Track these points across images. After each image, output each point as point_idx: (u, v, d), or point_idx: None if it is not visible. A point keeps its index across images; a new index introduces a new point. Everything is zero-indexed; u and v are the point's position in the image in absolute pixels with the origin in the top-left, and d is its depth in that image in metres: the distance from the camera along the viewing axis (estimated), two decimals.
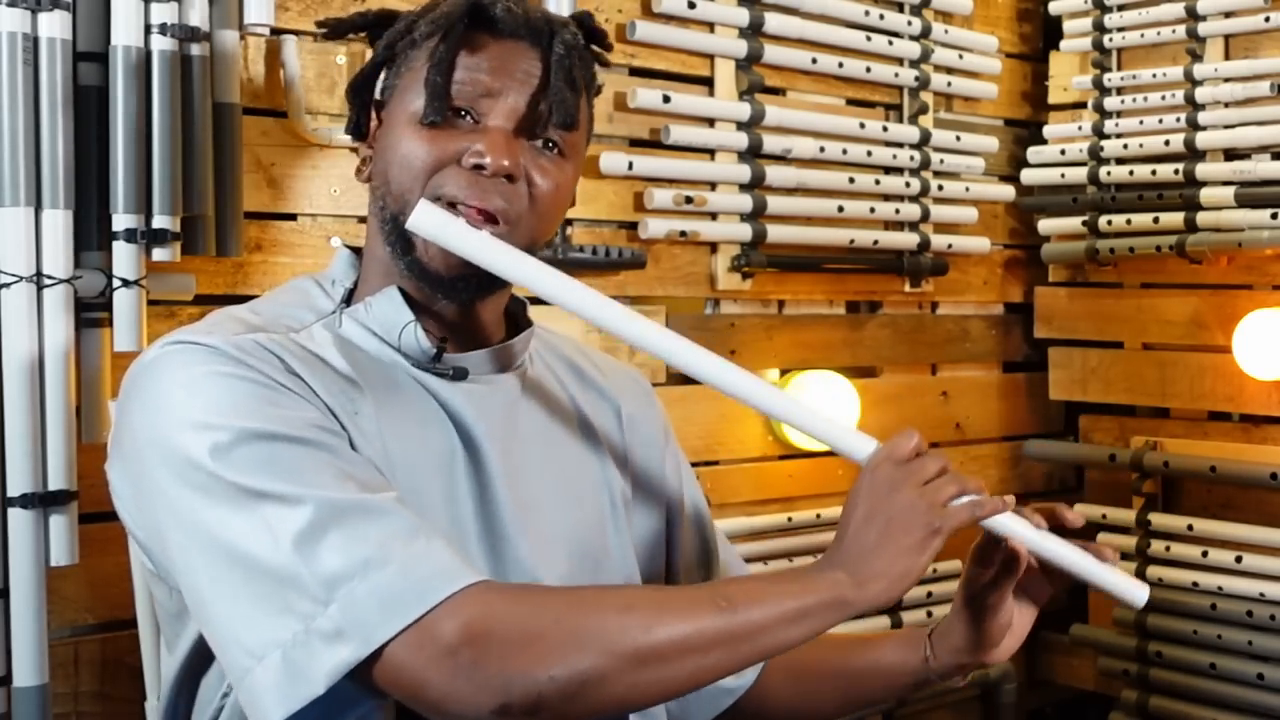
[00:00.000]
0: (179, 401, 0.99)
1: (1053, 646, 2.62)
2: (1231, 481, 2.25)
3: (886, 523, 1.03)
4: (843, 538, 1.05)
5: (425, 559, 0.94)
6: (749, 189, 2.15)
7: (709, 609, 0.98)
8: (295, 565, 0.93)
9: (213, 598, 0.96)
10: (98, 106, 1.48)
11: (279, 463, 0.96)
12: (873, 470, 1.06)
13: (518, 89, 1.10)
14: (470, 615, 0.92)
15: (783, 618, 0.99)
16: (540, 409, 1.20)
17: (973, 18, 2.52)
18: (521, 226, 1.10)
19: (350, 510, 0.95)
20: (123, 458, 1.05)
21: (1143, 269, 2.43)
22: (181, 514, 0.97)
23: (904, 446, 1.06)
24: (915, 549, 1.02)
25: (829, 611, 1.01)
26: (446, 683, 0.91)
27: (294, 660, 0.92)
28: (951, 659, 1.22)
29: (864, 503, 1.05)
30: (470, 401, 1.12)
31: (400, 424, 1.08)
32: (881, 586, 1.01)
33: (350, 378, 1.07)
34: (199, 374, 1.00)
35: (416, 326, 1.10)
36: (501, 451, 1.12)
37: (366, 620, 0.91)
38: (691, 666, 0.97)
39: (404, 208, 1.08)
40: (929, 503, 1.03)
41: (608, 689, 0.94)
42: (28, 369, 1.42)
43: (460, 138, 1.09)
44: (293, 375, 1.03)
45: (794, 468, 2.25)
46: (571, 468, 1.20)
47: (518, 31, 1.11)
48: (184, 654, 1.09)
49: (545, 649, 0.92)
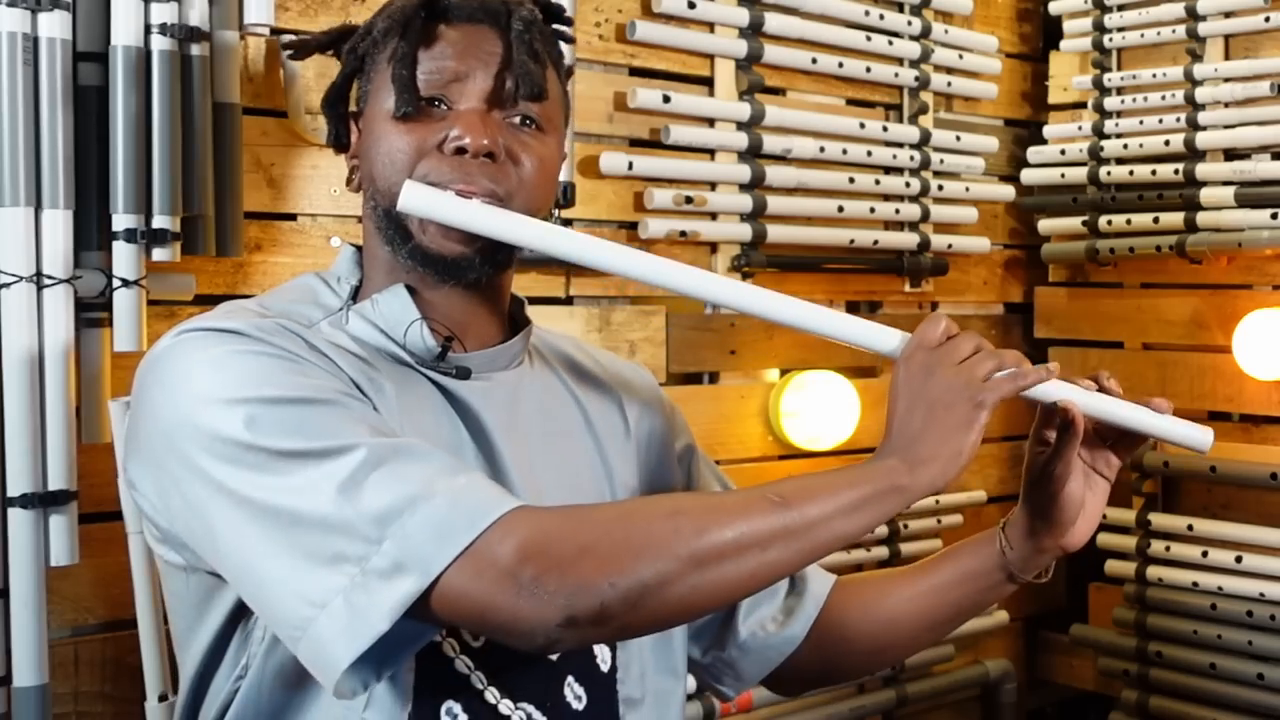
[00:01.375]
0: (205, 380, 0.99)
1: (1053, 646, 2.62)
2: (1231, 481, 2.25)
3: (929, 406, 1.03)
4: (890, 429, 1.05)
5: (469, 489, 0.95)
6: (749, 189, 2.15)
7: (763, 505, 0.97)
8: (343, 511, 0.93)
9: (263, 561, 0.96)
10: (98, 106, 1.48)
11: (311, 424, 0.97)
12: (907, 359, 1.07)
13: (483, 69, 1.11)
14: (523, 534, 0.93)
15: (840, 508, 0.99)
16: (541, 403, 1.20)
17: (973, 18, 2.52)
18: (514, 204, 1.11)
19: (389, 453, 0.96)
20: (143, 447, 1.04)
21: (1143, 269, 2.43)
22: (220, 488, 0.97)
23: (933, 331, 1.07)
24: (962, 426, 1.02)
25: (885, 499, 1.01)
26: (511, 603, 0.92)
27: (355, 603, 0.92)
28: (1029, 545, 1.20)
29: (904, 392, 1.05)
30: (476, 396, 1.13)
31: (414, 413, 1.09)
32: (935, 469, 1.01)
33: (368, 362, 1.09)
34: (221, 353, 1.00)
35: (423, 325, 1.11)
36: (508, 444, 1.13)
37: (422, 551, 0.92)
38: (752, 564, 0.96)
39: (393, 200, 1.08)
40: (967, 379, 1.03)
41: (670, 591, 0.94)
42: (28, 369, 1.42)
43: (436, 125, 1.10)
44: (315, 351, 1.04)
45: (794, 468, 2.25)
46: (573, 461, 1.20)
47: (474, 15, 1.12)
48: (203, 647, 1.09)
49: (602, 559, 0.93)
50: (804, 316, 1.14)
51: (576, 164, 1.98)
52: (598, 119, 2.01)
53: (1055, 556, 1.22)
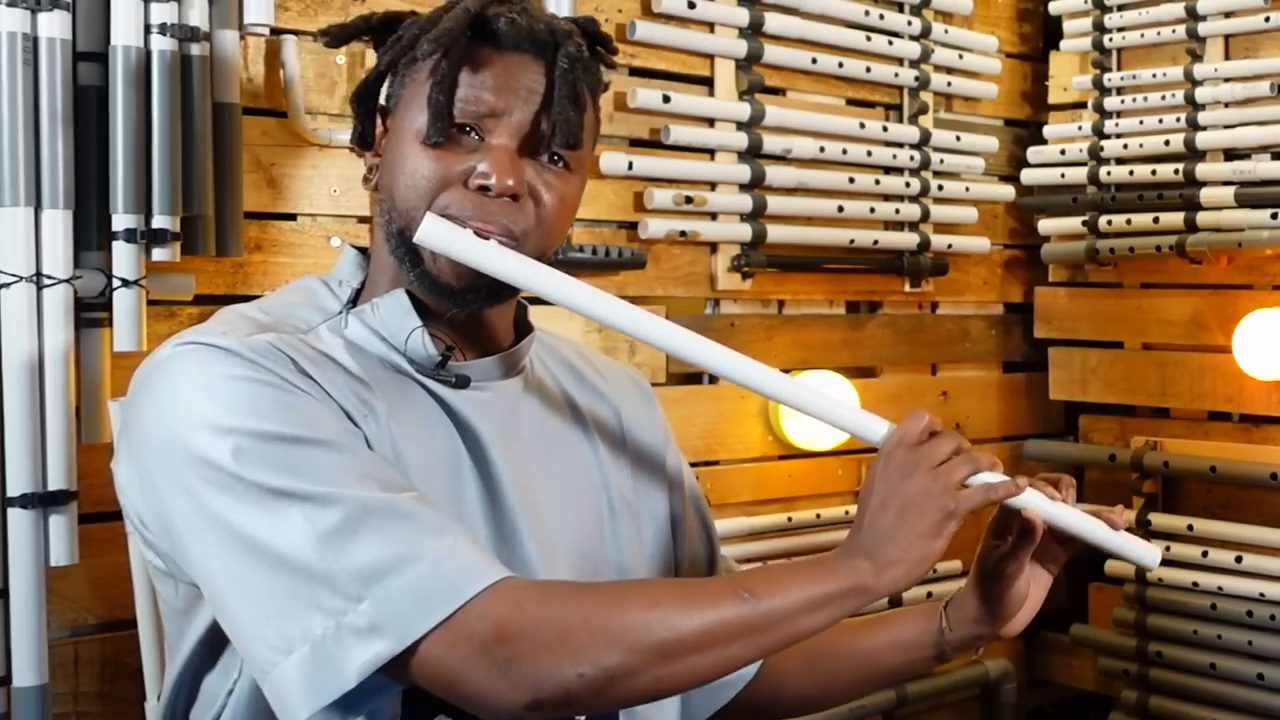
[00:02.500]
0: (197, 404, 0.99)
1: (1053, 646, 2.62)
2: (1231, 481, 2.25)
3: (902, 508, 1.03)
4: (860, 524, 1.06)
5: (454, 556, 0.96)
6: (749, 189, 2.15)
7: (732, 600, 0.99)
8: (326, 562, 0.94)
9: (237, 594, 0.97)
10: (98, 106, 1.48)
11: (301, 464, 0.97)
12: (886, 455, 1.07)
13: (521, 106, 1.09)
14: (501, 613, 0.94)
15: (804, 606, 1.01)
16: (540, 413, 1.20)
17: (973, 18, 2.52)
18: (529, 242, 1.10)
19: (378, 509, 0.96)
20: (132, 454, 1.05)
21: (1143, 269, 2.43)
22: (203, 512, 0.98)
23: (915, 429, 1.07)
24: (931, 533, 1.03)
25: (849, 598, 1.02)
26: (482, 679, 0.94)
27: (324, 654, 0.93)
28: (968, 630, 1.23)
29: (879, 489, 1.05)
30: (474, 406, 1.12)
31: (408, 428, 1.08)
32: (900, 572, 1.02)
33: (361, 378, 1.08)
34: (215, 376, 1.00)
35: (423, 332, 1.10)
36: (505, 455, 1.13)
37: (401, 615, 0.93)
38: (715, 657, 0.98)
39: (410, 224, 1.08)
40: (943, 486, 1.04)
41: (635, 682, 0.96)
42: (28, 369, 1.42)
43: (465, 157, 1.08)
44: (305, 376, 1.03)
45: (794, 468, 2.25)
46: (570, 472, 1.20)
47: (521, 44, 1.10)
48: (189, 651, 1.09)
49: (574, 646, 0.95)
50: (800, 398, 1.15)
51: None
52: None
53: (990, 640, 1.25)
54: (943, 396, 2.52)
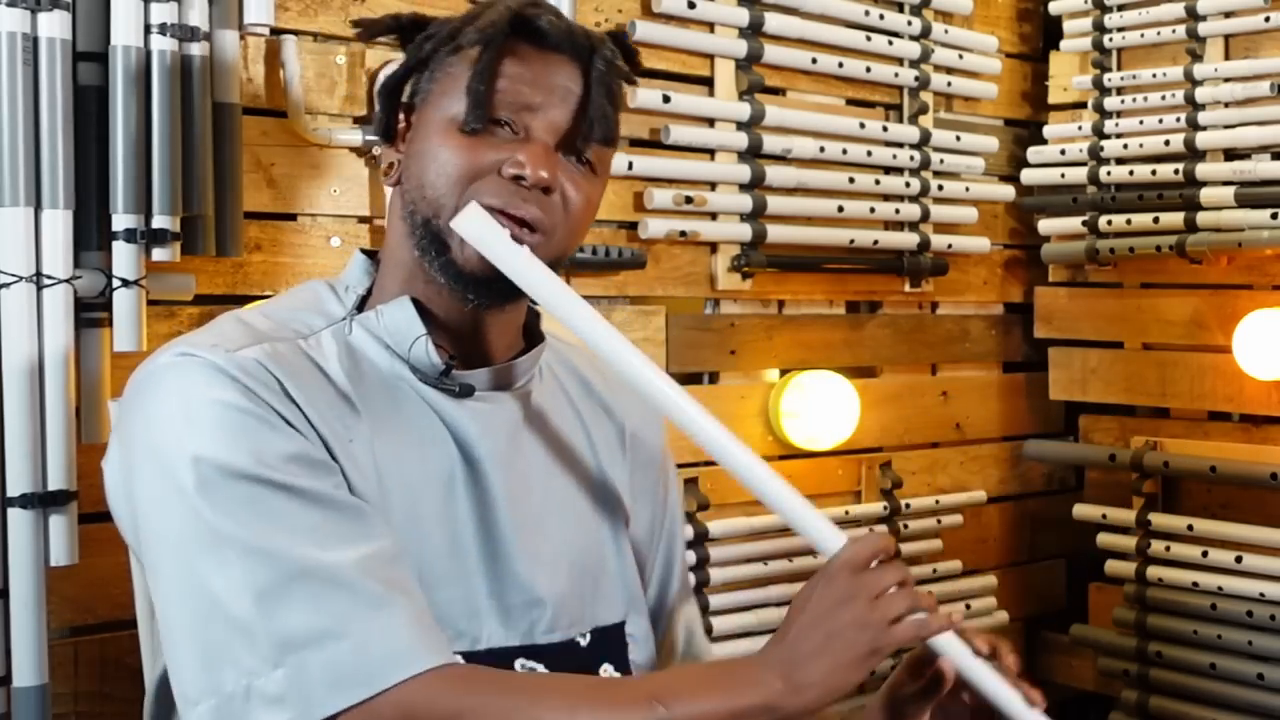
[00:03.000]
0: (176, 425, 1.00)
1: (1053, 646, 2.62)
2: (1231, 481, 2.25)
3: (829, 635, 1.02)
4: (785, 635, 1.04)
5: (383, 638, 0.95)
6: (749, 189, 2.15)
7: (642, 707, 0.99)
8: (252, 619, 0.94)
9: (174, 624, 0.99)
10: (98, 106, 1.48)
11: (260, 507, 0.97)
12: (829, 576, 1.05)
13: (559, 104, 1.10)
14: (413, 706, 0.94)
15: (712, 716, 1.00)
16: (545, 426, 1.19)
17: (973, 18, 2.52)
18: (555, 238, 1.11)
19: (317, 574, 0.96)
20: (119, 459, 1.06)
21: (1143, 269, 2.43)
22: (164, 530, 1.00)
23: (863, 553, 1.05)
24: (853, 665, 1.02)
25: (759, 715, 1.01)
26: None
27: (227, 712, 0.94)
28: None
29: (813, 607, 1.04)
30: (474, 419, 1.12)
31: (398, 444, 1.08)
32: (813, 696, 1.02)
33: (349, 398, 1.07)
34: (198, 399, 1.00)
35: (428, 340, 1.10)
36: (504, 470, 1.12)
37: (310, 692, 0.93)
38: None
39: (438, 212, 1.08)
40: (876, 619, 1.03)
41: None
42: (27, 369, 1.42)
43: (500, 147, 1.09)
44: (289, 402, 1.03)
45: (794, 468, 2.25)
46: (573, 486, 1.20)
47: (560, 45, 1.11)
48: None
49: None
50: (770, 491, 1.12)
51: None
52: None
53: None
54: (943, 396, 2.52)
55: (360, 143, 1.75)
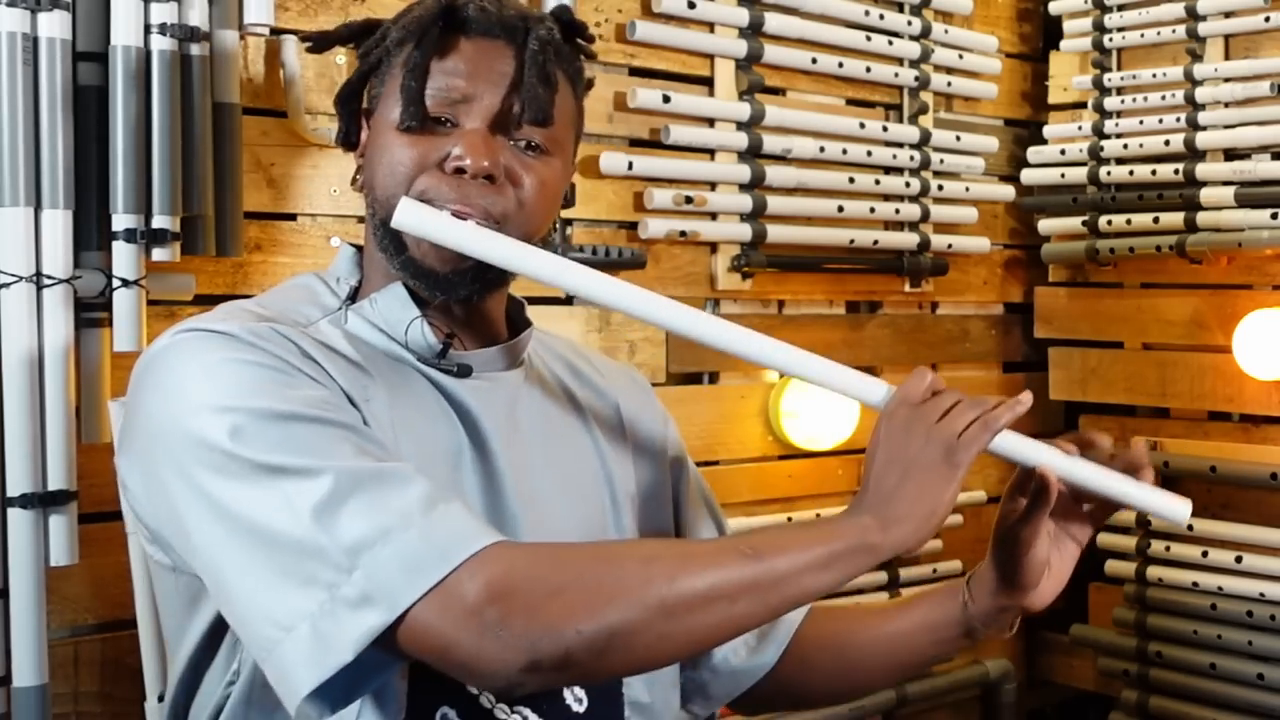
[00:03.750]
0: (196, 386, 0.99)
1: (1053, 646, 2.62)
2: (1231, 481, 2.25)
3: (906, 465, 1.03)
4: (865, 485, 1.05)
5: (445, 522, 0.94)
6: (749, 189, 2.15)
7: (735, 557, 0.97)
8: (317, 536, 0.93)
9: (236, 576, 0.96)
10: (98, 106, 1.48)
11: (296, 440, 0.96)
12: (889, 415, 1.07)
13: (491, 89, 1.10)
14: (492, 574, 0.92)
15: (810, 564, 0.99)
16: (542, 406, 1.20)
17: (973, 18, 2.52)
18: (509, 226, 1.10)
19: (368, 478, 0.95)
20: (134, 446, 1.05)
21: (1143, 269, 2.43)
22: (202, 495, 0.97)
23: (917, 387, 1.07)
24: (937, 486, 1.02)
25: (856, 556, 1.01)
26: (474, 642, 0.91)
27: (322, 630, 0.92)
28: (991, 602, 1.21)
29: (883, 448, 1.05)
30: (476, 397, 1.13)
31: (409, 417, 1.08)
32: (908, 529, 1.02)
33: (363, 367, 1.08)
34: (215, 359, 1.00)
35: (423, 322, 1.11)
36: (507, 447, 1.13)
37: (391, 584, 0.92)
38: (720, 615, 0.96)
39: (391, 211, 1.09)
40: (944, 437, 1.03)
41: (637, 640, 0.93)
42: (27, 369, 1.42)
43: (440, 142, 1.10)
44: (308, 359, 1.04)
45: (794, 468, 2.25)
46: (573, 464, 1.20)
47: (491, 30, 1.12)
48: (191, 646, 1.09)
49: (570, 603, 0.92)
50: (795, 362, 1.14)
51: (577, 164, 1.97)
52: (598, 119, 2.01)
53: (1017, 615, 1.22)
54: None
55: None
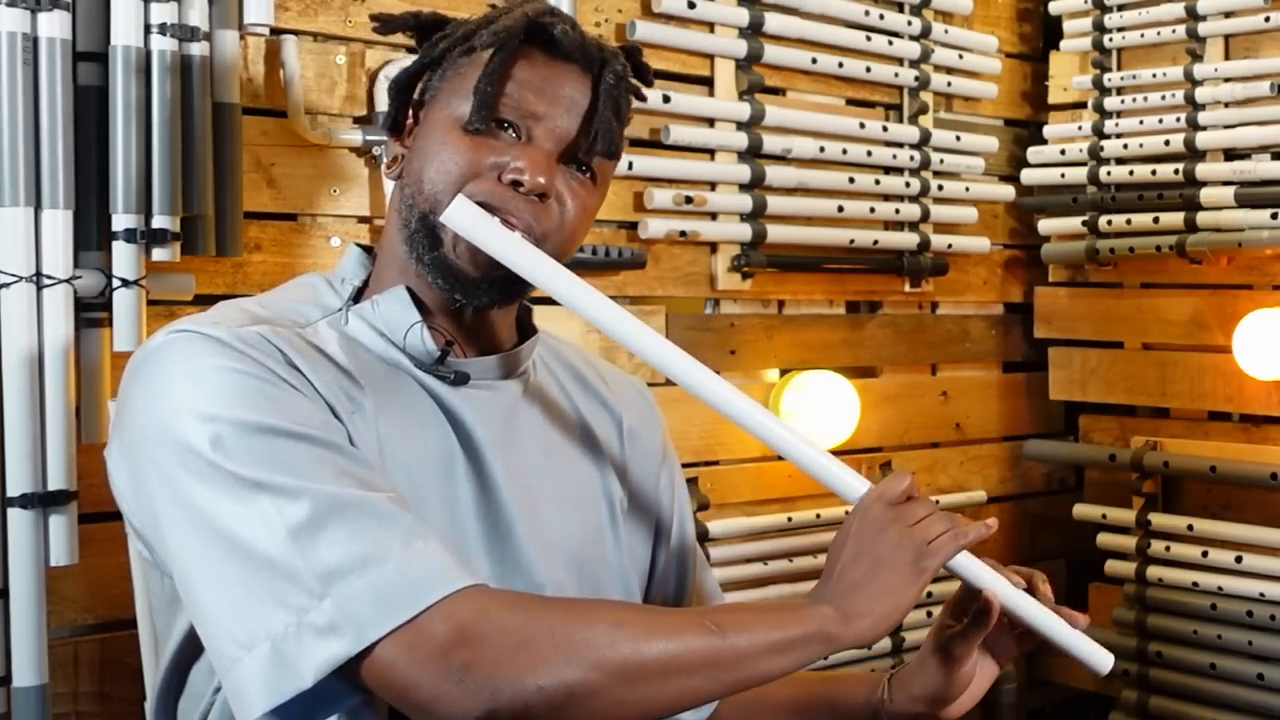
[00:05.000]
0: (182, 391, 0.99)
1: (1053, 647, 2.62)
2: (1231, 481, 2.25)
3: (874, 562, 1.04)
4: (830, 574, 1.06)
5: (422, 559, 0.94)
6: (749, 189, 2.15)
7: (699, 631, 0.99)
8: (292, 557, 0.93)
9: (205, 585, 0.96)
10: (98, 106, 1.48)
11: (279, 456, 0.96)
12: (864, 510, 1.08)
13: (565, 113, 1.11)
14: (464, 618, 0.93)
15: (769, 647, 1.00)
16: (541, 416, 1.20)
17: (973, 18, 2.52)
18: (548, 245, 1.11)
19: (350, 506, 0.95)
20: (122, 442, 1.05)
21: (1143, 269, 2.43)
22: (181, 499, 0.97)
23: (895, 489, 1.08)
24: (901, 587, 1.04)
25: (814, 645, 1.02)
26: (436, 685, 0.92)
27: (283, 652, 0.92)
28: (907, 706, 1.22)
29: (853, 541, 1.06)
30: (471, 406, 1.12)
31: (399, 426, 1.08)
32: (867, 624, 1.03)
33: (352, 375, 1.07)
34: (202, 366, 1.00)
35: (423, 327, 1.10)
36: (502, 457, 1.12)
37: (360, 616, 0.92)
38: (678, 686, 0.97)
39: (434, 207, 1.08)
40: (916, 542, 1.04)
41: (595, 702, 0.94)
42: (27, 369, 1.42)
43: (502, 150, 1.09)
44: (293, 369, 1.03)
45: (794, 468, 2.24)
46: (571, 476, 1.20)
47: (572, 55, 1.12)
48: (175, 644, 1.09)
49: (535, 658, 0.93)
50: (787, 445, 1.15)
51: None
52: None
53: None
54: (943, 396, 2.52)
55: (360, 143, 1.75)
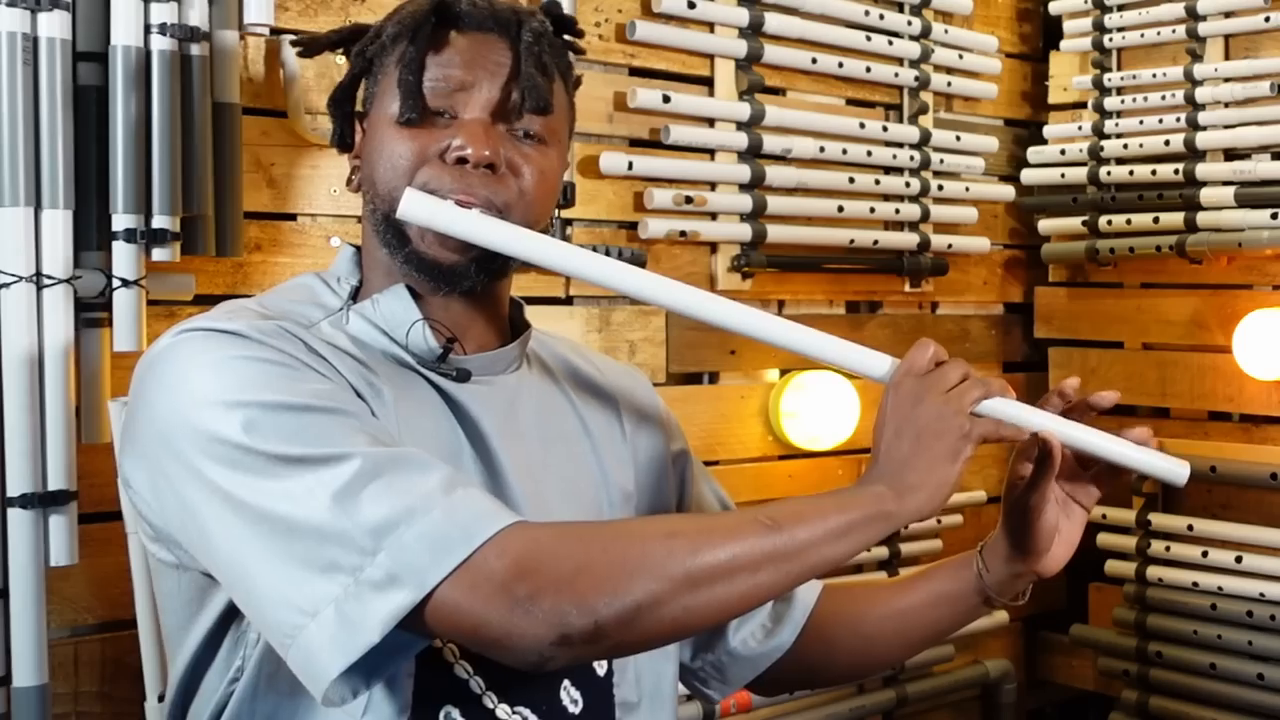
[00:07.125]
0: (204, 382, 0.99)
1: (1053, 646, 2.62)
2: (1231, 481, 2.25)
3: (917, 434, 1.04)
4: (877, 455, 1.06)
5: (465, 503, 0.95)
6: (749, 189, 2.15)
7: (755, 529, 0.99)
8: (339, 521, 0.93)
9: (257, 567, 0.96)
10: (98, 106, 1.48)
11: (310, 430, 0.97)
12: (896, 386, 1.08)
13: (489, 79, 1.11)
14: (519, 550, 0.93)
15: (828, 534, 1.01)
16: (539, 409, 1.20)
17: (973, 18, 2.52)
18: (512, 216, 1.11)
19: (387, 463, 0.95)
20: (138, 446, 1.04)
21: (1143, 269, 2.43)
22: (216, 491, 0.97)
23: (921, 357, 1.08)
24: (949, 456, 1.04)
25: (873, 525, 1.02)
26: (505, 619, 0.92)
27: (347, 613, 0.92)
28: (1005, 569, 1.22)
29: (892, 419, 1.07)
30: (475, 400, 1.13)
31: (412, 418, 1.08)
32: (923, 497, 1.03)
33: (368, 365, 1.09)
34: (222, 356, 1.00)
35: (424, 325, 1.11)
36: (507, 449, 1.13)
37: (417, 564, 0.92)
38: (743, 585, 0.97)
39: (393, 205, 1.09)
40: (955, 409, 1.05)
41: (664, 612, 0.94)
42: (27, 369, 1.42)
43: (440, 133, 1.10)
44: (315, 355, 1.04)
45: (794, 468, 2.25)
46: (570, 467, 1.20)
47: (484, 24, 1.12)
48: (194, 646, 1.09)
49: (597, 578, 0.93)
50: (796, 338, 1.14)
51: (576, 164, 1.98)
52: (598, 119, 2.01)
53: (1031, 581, 1.24)
54: None
55: None
